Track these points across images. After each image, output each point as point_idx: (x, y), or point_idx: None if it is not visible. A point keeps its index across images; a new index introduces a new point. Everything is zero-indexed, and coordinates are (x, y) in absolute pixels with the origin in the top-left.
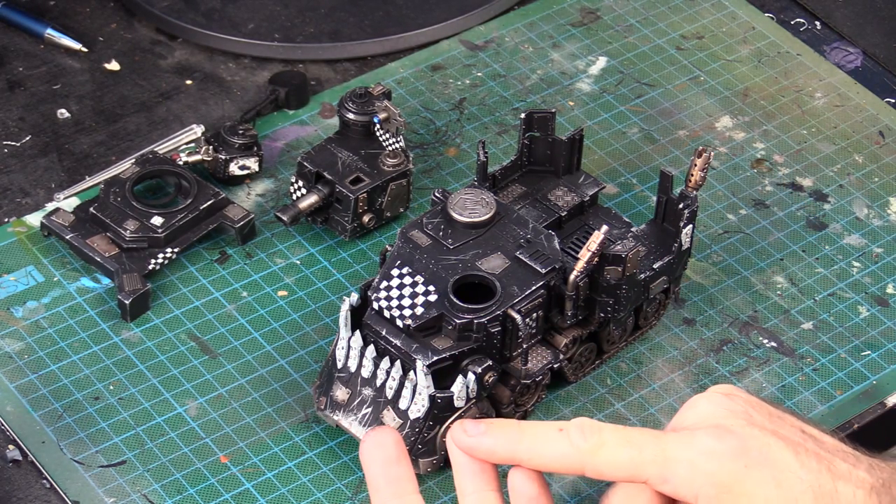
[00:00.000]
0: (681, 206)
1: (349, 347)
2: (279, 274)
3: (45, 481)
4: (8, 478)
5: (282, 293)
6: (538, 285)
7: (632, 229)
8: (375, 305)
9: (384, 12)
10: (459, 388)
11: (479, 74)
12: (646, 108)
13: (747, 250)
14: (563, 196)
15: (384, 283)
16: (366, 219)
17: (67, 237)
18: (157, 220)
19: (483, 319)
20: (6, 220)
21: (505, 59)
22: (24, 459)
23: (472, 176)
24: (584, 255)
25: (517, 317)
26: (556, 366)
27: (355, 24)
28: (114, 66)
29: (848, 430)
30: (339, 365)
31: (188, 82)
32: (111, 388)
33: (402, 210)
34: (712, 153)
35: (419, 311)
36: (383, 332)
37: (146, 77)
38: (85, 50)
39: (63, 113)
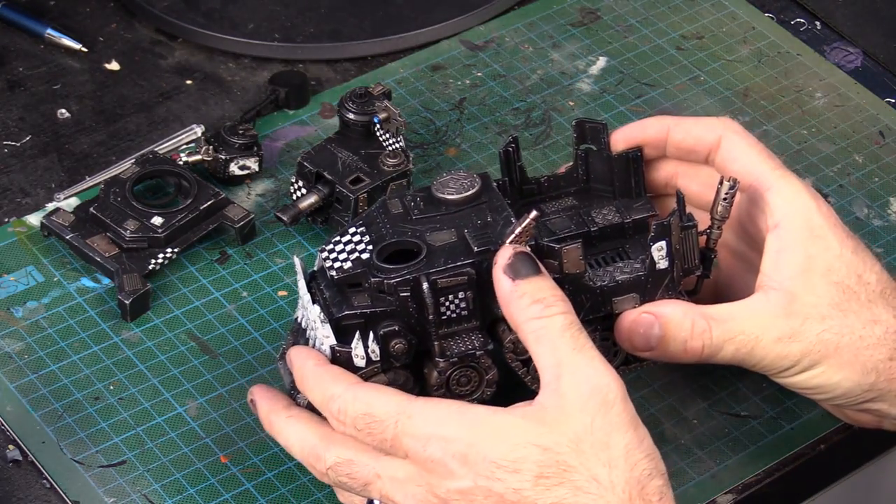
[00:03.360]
0: (654, 224)
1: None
2: (279, 274)
3: (45, 481)
4: (8, 478)
5: (282, 293)
6: (465, 262)
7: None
8: (322, 255)
9: (384, 12)
10: (355, 344)
11: (479, 74)
12: (646, 108)
13: None
14: (606, 215)
15: (336, 238)
16: None
17: (67, 237)
18: (157, 220)
19: (393, 281)
20: (6, 220)
21: (505, 59)
22: (24, 459)
23: None
24: (508, 237)
25: (425, 284)
26: (478, 353)
27: (355, 24)
28: (114, 66)
29: (848, 430)
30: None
31: (188, 82)
32: (111, 388)
33: None
34: (737, 182)
35: (347, 265)
36: (322, 286)
37: (146, 77)
38: (85, 50)
39: (63, 113)
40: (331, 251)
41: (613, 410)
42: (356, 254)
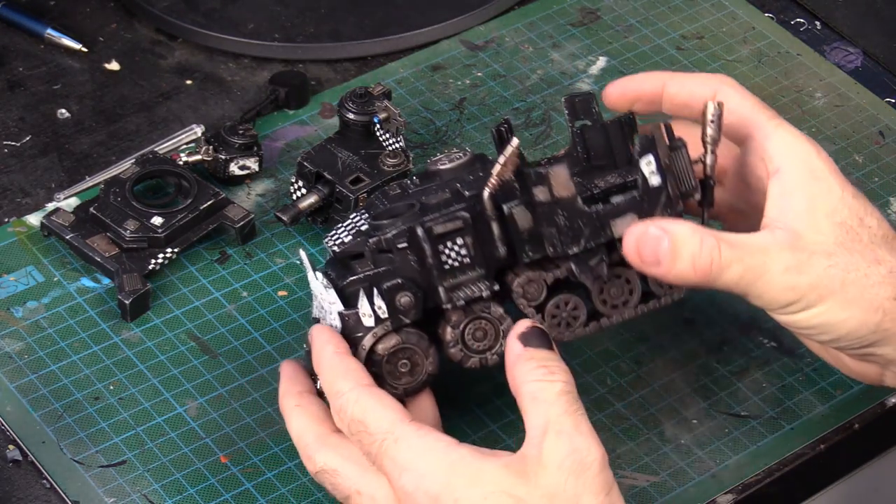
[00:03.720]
0: (636, 138)
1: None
2: (279, 274)
3: (45, 481)
4: (8, 478)
5: (282, 293)
6: (457, 207)
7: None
8: (325, 242)
9: (384, 12)
10: (360, 303)
11: (479, 74)
12: None
13: None
14: (609, 179)
15: (340, 225)
16: None
17: (67, 237)
18: (157, 220)
19: (389, 235)
20: (6, 220)
21: (505, 59)
22: (24, 459)
23: None
24: (496, 168)
25: (419, 229)
26: (485, 294)
27: (355, 24)
28: (114, 66)
29: (848, 430)
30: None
31: (188, 82)
32: (111, 388)
33: None
34: (721, 104)
35: (347, 238)
36: (328, 270)
37: (146, 77)
38: (85, 50)
39: (63, 113)
40: (333, 235)
41: (588, 473)
42: (355, 229)
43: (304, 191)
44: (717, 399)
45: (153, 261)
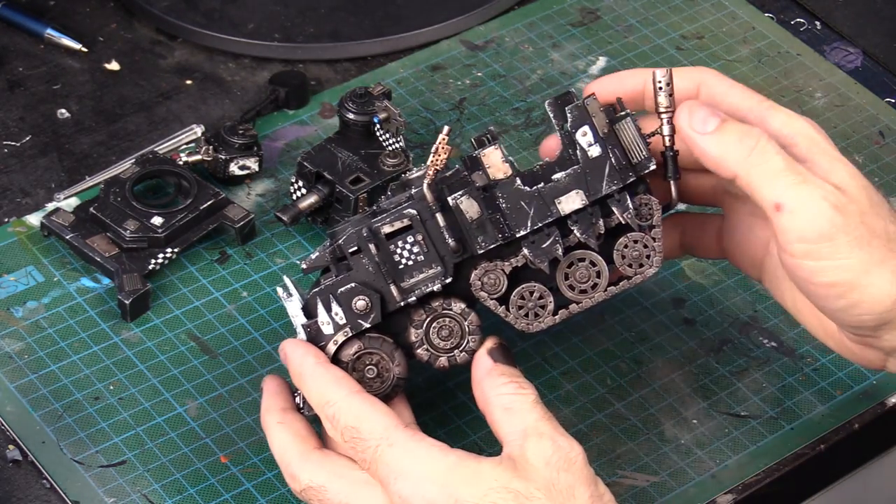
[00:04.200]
0: (567, 108)
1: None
2: (279, 274)
3: (45, 481)
4: (8, 478)
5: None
6: (406, 205)
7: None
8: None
9: (384, 12)
10: (319, 312)
11: (479, 74)
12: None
13: None
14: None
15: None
16: None
17: (67, 237)
18: (157, 220)
19: (340, 241)
20: (6, 220)
21: (505, 59)
22: (24, 459)
23: None
24: (430, 158)
25: (364, 232)
26: (436, 288)
27: (355, 24)
28: (114, 66)
29: (848, 430)
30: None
31: (188, 82)
32: (111, 388)
33: None
34: (669, 71)
35: (314, 256)
36: (307, 293)
37: (146, 77)
38: (85, 50)
39: (63, 113)
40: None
41: (575, 466)
42: (321, 247)
43: (304, 191)
44: (717, 399)
45: (153, 261)
